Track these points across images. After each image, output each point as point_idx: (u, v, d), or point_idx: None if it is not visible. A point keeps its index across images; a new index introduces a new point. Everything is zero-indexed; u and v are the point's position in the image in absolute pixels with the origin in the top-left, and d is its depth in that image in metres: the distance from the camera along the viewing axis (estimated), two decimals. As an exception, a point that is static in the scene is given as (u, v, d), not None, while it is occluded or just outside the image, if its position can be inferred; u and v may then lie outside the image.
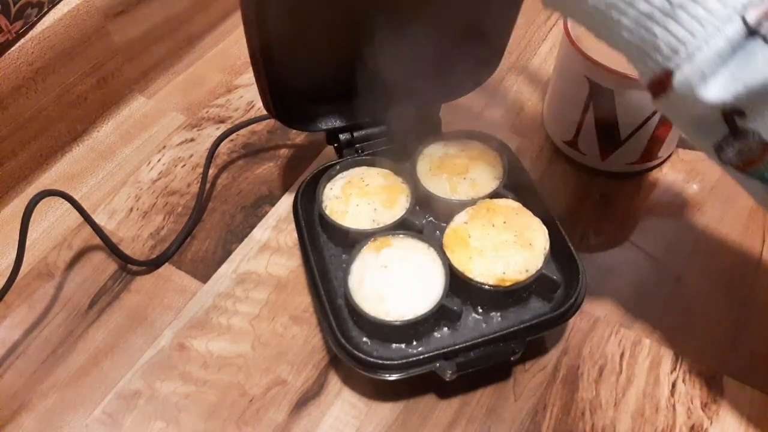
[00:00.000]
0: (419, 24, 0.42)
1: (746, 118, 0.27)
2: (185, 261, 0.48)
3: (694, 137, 0.31)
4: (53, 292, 0.46)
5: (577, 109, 0.49)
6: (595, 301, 0.46)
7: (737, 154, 0.29)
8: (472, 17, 0.45)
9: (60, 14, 0.49)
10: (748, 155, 0.28)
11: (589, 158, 0.51)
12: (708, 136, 0.29)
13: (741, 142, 0.28)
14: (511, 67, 0.62)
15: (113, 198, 0.52)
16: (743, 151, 0.28)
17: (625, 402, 0.41)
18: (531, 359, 0.43)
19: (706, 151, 0.31)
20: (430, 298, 0.39)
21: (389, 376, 0.38)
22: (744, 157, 0.29)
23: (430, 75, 0.47)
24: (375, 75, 0.45)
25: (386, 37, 0.42)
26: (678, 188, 0.52)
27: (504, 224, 0.41)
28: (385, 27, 0.42)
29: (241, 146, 0.55)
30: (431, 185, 0.45)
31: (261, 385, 0.42)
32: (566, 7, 0.31)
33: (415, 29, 0.42)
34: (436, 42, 0.44)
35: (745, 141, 0.28)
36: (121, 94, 0.58)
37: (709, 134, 0.29)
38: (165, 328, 0.44)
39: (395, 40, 0.41)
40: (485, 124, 0.57)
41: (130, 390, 0.41)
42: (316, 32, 0.43)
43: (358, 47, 0.43)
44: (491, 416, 0.40)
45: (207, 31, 0.64)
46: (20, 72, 0.48)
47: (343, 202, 0.44)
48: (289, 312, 0.45)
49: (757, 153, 0.28)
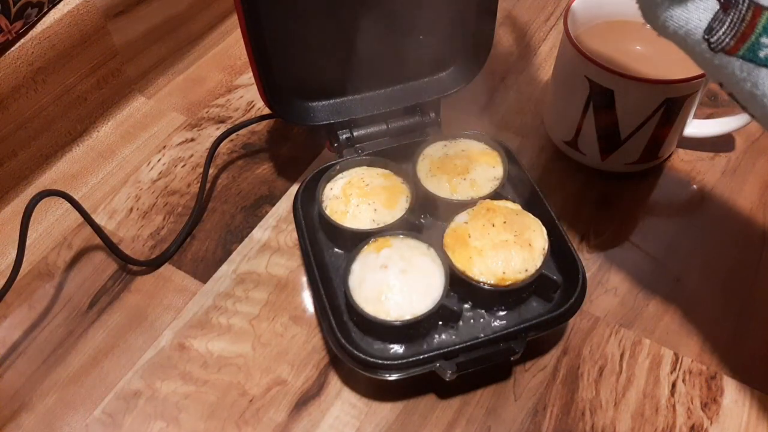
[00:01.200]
0: (407, 14, 0.43)
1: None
2: (185, 261, 0.48)
3: (678, 29, 0.30)
4: (53, 292, 0.46)
5: (577, 109, 0.49)
6: (595, 301, 0.46)
7: (729, 29, 0.28)
8: (455, 5, 0.45)
9: (60, 14, 0.49)
10: (740, 27, 0.28)
11: (589, 158, 0.51)
12: (701, 21, 0.29)
13: (731, 12, 0.28)
14: (511, 67, 0.62)
15: (113, 198, 0.52)
16: (734, 23, 0.28)
17: (625, 402, 0.41)
18: (531, 359, 0.43)
19: (696, 47, 0.30)
20: (430, 298, 0.39)
21: (389, 376, 0.38)
22: (735, 31, 0.28)
23: (423, 66, 0.48)
24: (369, 67, 0.46)
25: (375, 25, 0.43)
26: (678, 188, 0.52)
27: (504, 224, 0.41)
28: (371, 16, 0.43)
29: (241, 146, 0.55)
30: (431, 185, 0.45)
31: (261, 385, 0.42)
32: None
33: (403, 19, 0.43)
34: (426, 32, 0.45)
35: (735, 10, 0.27)
36: (121, 94, 0.58)
37: (702, 15, 0.28)
38: (165, 328, 0.44)
39: (383, 29, 0.43)
40: (485, 124, 0.57)
41: (130, 390, 0.41)
42: (307, 23, 0.44)
43: (349, 39, 0.44)
44: (491, 416, 0.40)
45: (207, 31, 0.64)
46: (20, 72, 0.48)
47: (343, 202, 0.44)
48: (289, 312, 0.45)
49: (748, 20, 0.27)
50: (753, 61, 0.28)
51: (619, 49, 0.50)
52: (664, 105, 0.46)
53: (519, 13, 0.67)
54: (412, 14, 0.45)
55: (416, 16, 0.45)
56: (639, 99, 0.46)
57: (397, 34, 0.46)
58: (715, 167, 0.53)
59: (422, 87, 0.49)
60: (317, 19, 0.44)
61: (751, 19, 0.27)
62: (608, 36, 0.50)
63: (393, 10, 0.44)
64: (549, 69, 0.61)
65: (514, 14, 0.67)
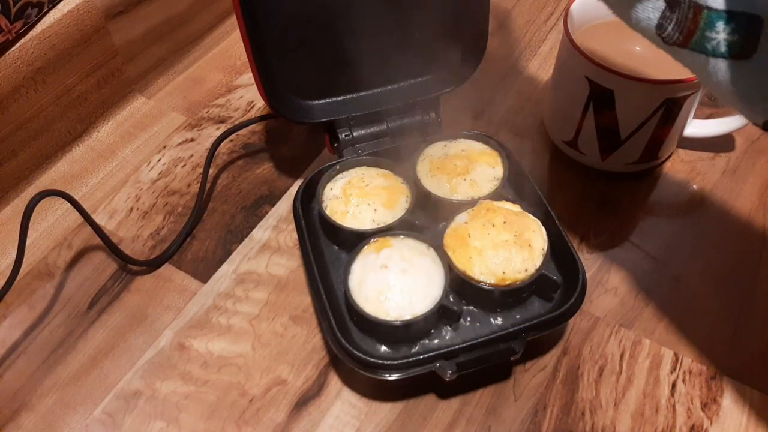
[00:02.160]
0: (403, 12, 0.43)
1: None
2: (185, 261, 0.48)
3: (638, 24, 0.32)
4: (53, 292, 0.46)
5: (577, 109, 0.49)
6: (595, 301, 0.46)
7: (676, 26, 0.30)
8: (449, 4, 0.46)
9: (60, 14, 0.49)
10: (685, 24, 0.30)
11: (589, 158, 0.51)
12: (651, 19, 0.31)
13: (676, 10, 0.30)
14: (511, 67, 0.62)
15: (113, 198, 0.52)
16: (680, 21, 0.30)
17: (625, 402, 0.41)
18: (531, 359, 0.43)
19: (655, 40, 0.32)
20: (430, 298, 0.39)
21: (389, 376, 0.38)
22: (682, 27, 0.30)
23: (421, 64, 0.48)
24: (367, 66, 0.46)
25: (372, 24, 0.44)
26: (678, 188, 0.52)
27: (504, 224, 0.41)
28: (369, 15, 0.44)
29: (241, 146, 0.55)
30: (431, 185, 0.45)
31: (261, 385, 0.42)
32: None
33: (400, 17, 0.43)
34: (422, 30, 0.46)
35: (679, 8, 0.29)
36: (121, 94, 0.58)
37: (652, 14, 0.30)
38: (165, 328, 0.44)
39: (381, 27, 0.43)
40: (485, 124, 0.57)
41: (130, 390, 0.41)
42: (305, 23, 0.44)
43: (347, 37, 0.45)
44: (491, 416, 0.40)
45: (207, 31, 0.64)
46: (20, 72, 0.48)
47: (343, 202, 0.44)
48: (289, 312, 0.45)
49: (690, 18, 0.29)
50: (703, 52, 0.30)
51: (619, 49, 0.50)
52: (664, 105, 0.46)
53: (519, 13, 0.67)
54: (408, 13, 0.45)
55: (412, 15, 0.46)
56: (639, 99, 0.46)
57: (395, 32, 0.46)
58: (715, 167, 0.53)
59: (420, 85, 0.49)
60: (316, 19, 0.44)
61: (693, 16, 0.29)
62: (608, 36, 0.50)
63: (390, 9, 0.45)
64: (549, 69, 0.61)
65: (514, 14, 0.67)
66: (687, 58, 0.31)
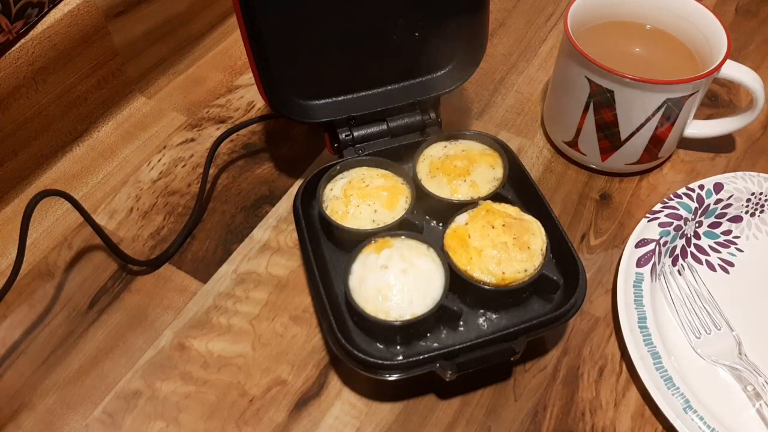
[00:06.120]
0: (403, 13, 0.44)
1: None
2: (185, 261, 0.48)
3: None
4: (53, 292, 0.46)
5: (577, 109, 0.49)
6: (595, 301, 0.46)
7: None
8: (448, 4, 0.46)
9: (60, 14, 0.49)
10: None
11: (589, 158, 0.51)
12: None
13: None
14: (511, 67, 0.62)
15: (113, 198, 0.52)
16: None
17: (625, 402, 0.41)
18: (531, 359, 0.43)
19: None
20: (430, 298, 0.39)
21: (389, 376, 0.38)
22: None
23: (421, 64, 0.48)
24: (368, 66, 0.46)
25: (373, 24, 0.44)
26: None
27: (504, 225, 0.41)
28: (369, 15, 0.44)
29: (241, 146, 0.55)
30: (431, 186, 0.45)
31: (261, 385, 0.42)
32: None
33: (400, 18, 0.43)
34: (422, 31, 0.46)
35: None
36: (122, 94, 0.58)
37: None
38: (165, 328, 0.44)
39: (382, 28, 0.43)
40: (485, 124, 0.57)
41: (130, 390, 0.41)
42: (305, 22, 0.44)
43: (347, 37, 0.45)
44: (491, 416, 0.40)
45: (207, 31, 0.64)
46: (21, 72, 0.48)
47: (343, 202, 0.44)
48: (289, 312, 0.45)
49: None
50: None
51: (619, 49, 0.50)
52: (664, 105, 0.46)
53: (519, 13, 0.67)
54: (408, 13, 0.45)
55: (412, 15, 0.45)
56: (639, 99, 0.46)
57: (395, 32, 0.46)
58: (715, 167, 0.53)
59: (420, 85, 0.49)
60: (316, 18, 0.44)
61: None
62: (608, 36, 0.50)
63: (390, 9, 0.45)
64: (549, 69, 0.61)
65: (514, 14, 0.67)
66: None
